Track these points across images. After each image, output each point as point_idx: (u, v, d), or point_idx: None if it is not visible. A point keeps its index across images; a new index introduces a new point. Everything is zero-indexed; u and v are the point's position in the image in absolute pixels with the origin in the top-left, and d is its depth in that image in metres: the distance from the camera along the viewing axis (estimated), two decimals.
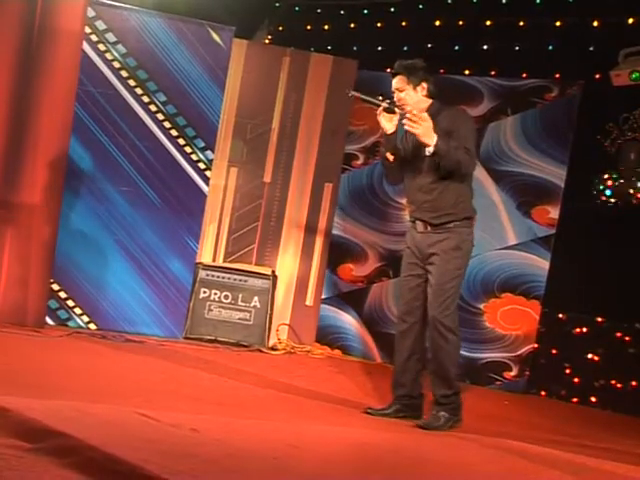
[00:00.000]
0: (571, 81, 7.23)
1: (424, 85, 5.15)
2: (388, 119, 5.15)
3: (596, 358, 7.04)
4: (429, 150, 4.95)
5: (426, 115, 4.99)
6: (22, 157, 6.36)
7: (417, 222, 5.21)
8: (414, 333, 5.21)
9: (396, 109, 5.13)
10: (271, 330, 7.40)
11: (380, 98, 5.21)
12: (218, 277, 7.32)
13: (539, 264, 7.22)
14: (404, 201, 7.69)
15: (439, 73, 7.16)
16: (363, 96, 5.31)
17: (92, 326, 6.82)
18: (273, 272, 7.48)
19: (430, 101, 5.17)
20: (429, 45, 7.63)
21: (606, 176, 6.98)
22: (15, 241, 6.36)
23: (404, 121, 5.00)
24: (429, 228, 5.14)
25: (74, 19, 6.40)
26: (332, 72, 7.65)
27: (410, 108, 5.06)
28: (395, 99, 5.16)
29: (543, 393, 7.18)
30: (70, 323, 6.77)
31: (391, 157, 5.23)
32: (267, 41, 8.31)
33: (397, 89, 5.15)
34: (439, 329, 5.07)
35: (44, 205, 6.40)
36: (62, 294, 6.75)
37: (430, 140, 4.92)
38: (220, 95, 7.08)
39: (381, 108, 5.15)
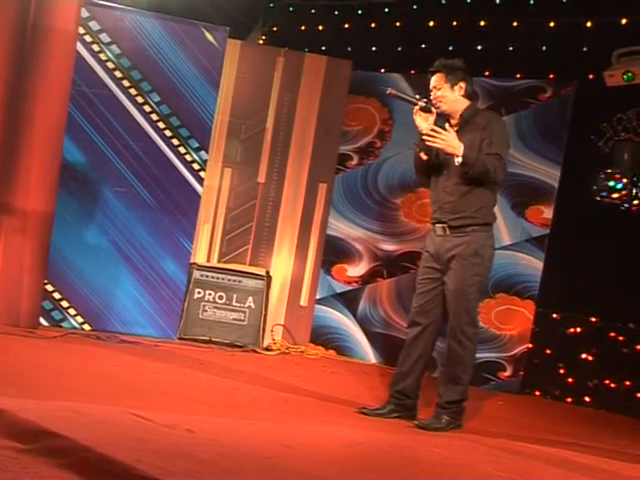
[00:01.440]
0: (565, 81, 7.23)
1: (462, 85, 5.16)
2: (424, 118, 5.14)
3: (590, 358, 7.04)
4: (458, 160, 4.97)
5: (447, 126, 5.02)
6: (16, 158, 6.34)
7: (436, 225, 5.20)
8: (426, 336, 5.20)
9: (432, 108, 5.14)
10: (265, 330, 7.39)
11: (417, 97, 5.22)
12: (212, 277, 7.32)
13: (533, 264, 7.23)
14: (398, 201, 7.72)
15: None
16: (400, 94, 5.33)
17: (86, 327, 6.81)
18: (267, 272, 7.48)
19: (467, 102, 5.18)
20: (423, 45, 7.63)
21: (618, 175, 6.96)
22: (9, 241, 6.35)
23: (424, 137, 5.03)
24: (448, 231, 5.14)
25: (68, 19, 6.39)
26: (326, 72, 7.65)
27: (445, 107, 5.10)
28: (432, 97, 5.17)
29: (537, 393, 7.19)
30: (64, 324, 6.76)
31: (425, 157, 5.23)
32: (261, 41, 8.30)
33: (434, 87, 5.17)
34: (457, 336, 5.07)
35: (38, 206, 6.38)
36: (56, 295, 6.74)
37: (456, 150, 4.96)
38: (214, 95, 7.07)
39: (417, 107, 5.15)
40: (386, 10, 7.89)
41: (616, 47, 6.75)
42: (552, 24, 7.25)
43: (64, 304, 6.77)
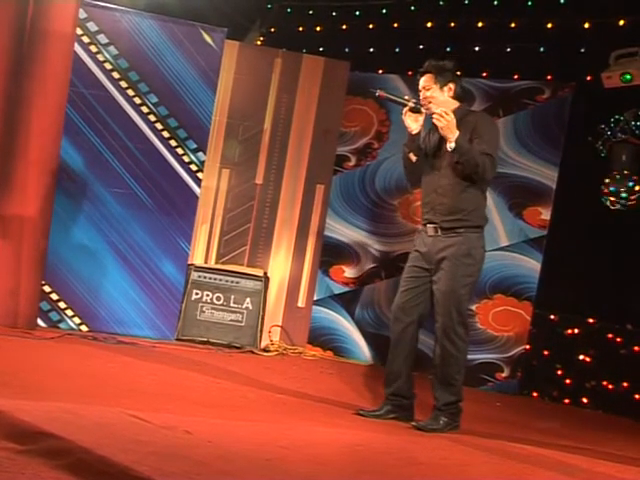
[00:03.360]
0: (563, 83, 7.24)
1: (451, 86, 5.17)
2: (414, 119, 5.17)
3: (588, 359, 7.05)
4: (450, 145, 4.98)
5: (449, 111, 5.04)
6: (14, 159, 6.34)
7: (428, 226, 5.18)
8: (409, 334, 5.19)
9: (422, 109, 5.15)
10: (263, 331, 7.39)
11: (406, 98, 5.24)
12: (210, 278, 7.32)
13: (531, 265, 7.23)
14: (396, 202, 7.72)
15: None
16: (390, 95, 5.34)
17: (84, 328, 6.81)
18: (265, 273, 7.47)
19: (457, 103, 5.19)
20: (421, 47, 7.64)
21: (607, 180, 6.99)
22: (7, 242, 6.35)
23: (434, 115, 5.03)
24: (439, 232, 5.12)
25: (66, 21, 6.39)
26: (324, 73, 7.65)
27: (436, 108, 5.10)
28: (421, 98, 5.18)
29: (535, 394, 7.19)
30: (62, 325, 6.75)
31: (414, 157, 5.24)
32: (259, 42, 8.31)
33: (424, 87, 5.18)
34: (450, 336, 5.04)
35: (36, 206, 6.38)
36: (54, 296, 6.73)
37: (453, 135, 4.96)
38: (212, 96, 7.07)
39: (407, 108, 5.17)
40: (384, 11, 7.89)
41: (614, 48, 6.76)
42: (550, 25, 7.25)
43: (61, 305, 6.76)
